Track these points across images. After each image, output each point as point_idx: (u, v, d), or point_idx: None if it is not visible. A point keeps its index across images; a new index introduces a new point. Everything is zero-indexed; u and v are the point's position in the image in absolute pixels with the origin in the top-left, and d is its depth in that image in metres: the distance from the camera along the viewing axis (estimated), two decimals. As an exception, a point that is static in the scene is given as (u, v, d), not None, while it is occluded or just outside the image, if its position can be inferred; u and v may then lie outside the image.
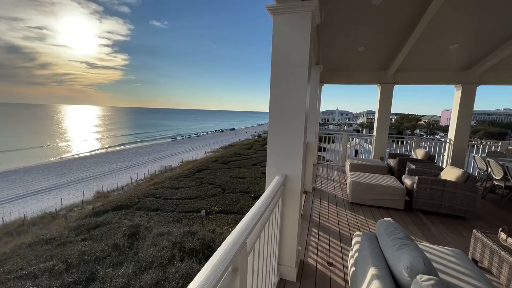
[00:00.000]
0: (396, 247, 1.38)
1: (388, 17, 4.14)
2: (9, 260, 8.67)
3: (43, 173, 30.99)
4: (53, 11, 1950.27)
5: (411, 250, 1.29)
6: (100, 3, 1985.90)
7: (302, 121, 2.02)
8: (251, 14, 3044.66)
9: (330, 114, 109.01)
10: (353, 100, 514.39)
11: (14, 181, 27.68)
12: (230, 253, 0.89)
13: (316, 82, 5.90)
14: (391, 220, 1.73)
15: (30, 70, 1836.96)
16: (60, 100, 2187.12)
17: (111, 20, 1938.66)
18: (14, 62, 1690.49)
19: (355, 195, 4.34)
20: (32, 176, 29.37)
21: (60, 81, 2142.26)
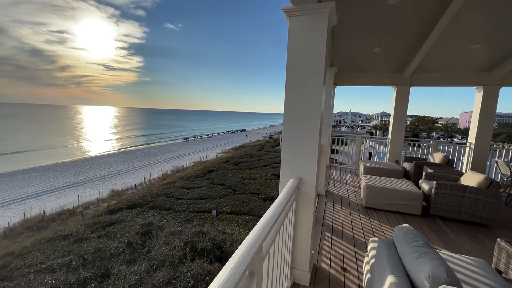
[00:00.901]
0: (416, 255, 1.33)
1: (406, 17, 4.03)
2: (29, 254, 9.06)
3: (61, 171, 32.23)
4: (73, 15, 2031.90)
5: (432, 259, 1.25)
6: (117, 7, 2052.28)
7: (317, 123, 2.00)
8: (263, 16, 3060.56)
9: (343, 115, 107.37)
10: (366, 102, 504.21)
11: (35, 178, 28.93)
12: (247, 257, 0.89)
13: (330, 84, 5.83)
14: (409, 227, 1.68)
15: (51, 72, 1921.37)
16: (78, 101, 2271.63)
17: (127, 23, 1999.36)
18: (36, 64, 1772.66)
19: (369, 199, 4.24)
20: (52, 174, 30.59)
21: (78, 82, 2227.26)
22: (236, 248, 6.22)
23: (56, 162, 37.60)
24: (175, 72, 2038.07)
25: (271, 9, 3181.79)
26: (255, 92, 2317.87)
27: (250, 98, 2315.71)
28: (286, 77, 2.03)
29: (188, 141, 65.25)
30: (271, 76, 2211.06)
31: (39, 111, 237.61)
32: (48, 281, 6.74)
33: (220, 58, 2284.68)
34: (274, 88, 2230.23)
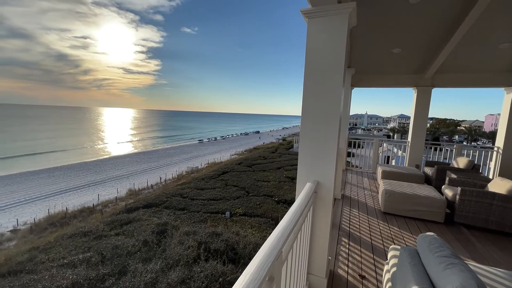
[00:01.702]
0: (442, 266, 1.26)
1: (428, 16, 3.88)
2: (53, 249, 9.51)
3: (83, 170, 33.69)
4: (96, 21, 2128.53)
5: (461, 270, 1.17)
6: (136, 13, 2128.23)
7: (336, 126, 1.96)
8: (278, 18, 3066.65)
9: (359, 118, 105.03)
10: (383, 104, 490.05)
11: (58, 176, 30.41)
12: (267, 262, 0.88)
13: (348, 86, 5.72)
14: (434, 235, 1.60)
15: (75, 76, 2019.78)
16: (99, 103, 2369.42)
17: (146, 28, 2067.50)
18: (61, 68, 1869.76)
19: (388, 205, 4.10)
20: (74, 173, 32.04)
21: (99, 85, 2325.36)
22: (248, 250, 6.23)
23: (78, 162, 39.37)
24: (191, 75, 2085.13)
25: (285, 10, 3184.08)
26: (269, 93, 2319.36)
27: (264, 100, 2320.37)
28: (304, 78, 2.01)
29: (202, 143, 66.24)
30: (285, 78, 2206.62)
31: (63, 112, 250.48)
32: (70, 275, 7.02)
33: (234, 60, 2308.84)
34: (288, 90, 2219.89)
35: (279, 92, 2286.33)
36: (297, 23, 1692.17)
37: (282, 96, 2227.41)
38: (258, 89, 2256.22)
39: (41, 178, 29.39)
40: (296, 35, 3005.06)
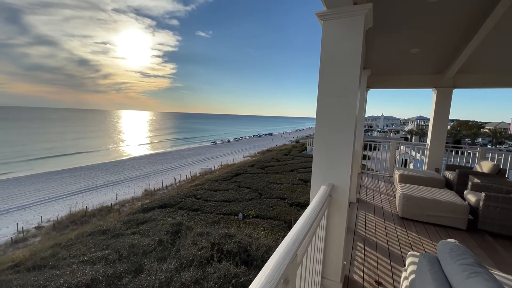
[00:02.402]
0: (465, 275, 1.21)
1: (448, 14, 3.75)
2: (73, 246, 9.92)
3: (102, 170, 34.98)
4: (115, 27, 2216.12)
5: (486, 280, 1.12)
6: (153, 18, 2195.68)
7: (351, 128, 1.93)
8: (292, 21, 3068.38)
9: (374, 120, 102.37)
10: (400, 105, 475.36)
11: (79, 176, 31.75)
12: (282, 264, 0.88)
13: (363, 87, 5.61)
14: (456, 242, 1.53)
15: (95, 80, 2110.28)
16: (117, 106, 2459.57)
17: (162, 33, 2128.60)
18: (83, 73, 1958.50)
19: (405, 209, 3.97)
20: (94, 173, 33.34)
21: (118, 89, 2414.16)
22: (261, 252, 6.21)
23: (98, 163, 40.95)
24: (205, 77, 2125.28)
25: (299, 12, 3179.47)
26: (282, 96, 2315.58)
27: (276, 102, 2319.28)
28: (319, 80, 2.00)
29: (216, 145, 66.98)
30: (298, 80, 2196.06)
31: (85, 115, 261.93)
32: (89, 272, 7.30)
33: (248, 62, 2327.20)
34: (301, 92, 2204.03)
35: (292, 94, 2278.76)
36: (310, 25, 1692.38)
37: (295, 98, 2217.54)
38: (272, 91, 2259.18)
39: (63, 178, 30.81)
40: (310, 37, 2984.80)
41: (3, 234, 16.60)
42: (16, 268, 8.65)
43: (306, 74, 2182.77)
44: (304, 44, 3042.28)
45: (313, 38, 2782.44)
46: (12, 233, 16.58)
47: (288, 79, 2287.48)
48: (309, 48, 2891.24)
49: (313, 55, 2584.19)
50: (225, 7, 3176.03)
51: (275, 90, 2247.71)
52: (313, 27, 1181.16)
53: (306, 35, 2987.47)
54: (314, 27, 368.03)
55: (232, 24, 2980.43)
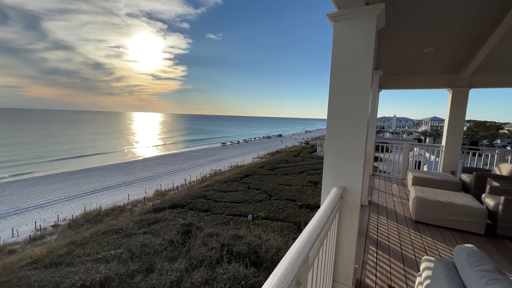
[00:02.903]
0: (484, 281, 1.17)
1: (465, 11, 3.64)
2: (88, 244, 10.20)
3: (115, 171, 35.86)
4: (128, 32, 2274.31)
5: (506, 287, 1.08)
6: (165, 22, 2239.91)
7: (363, 129, 1.91)
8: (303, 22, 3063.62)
9: (386, 121, 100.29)
10: (413, 106, 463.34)
11: (93, 176, 32.66)
12: (294, 266, 0.88)
13: (375, 88, 5.52)
14: (474, 247, 1.48)
15: (109, 83, 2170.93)
16: (130, 108, 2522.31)
17: (173, 36, 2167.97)
18: (97, 76, 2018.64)
19: (419, 213, 3.86)
20: (107, 173, 34.22)
21: (131, 91, 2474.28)
22: (271, 254, 6.19)
23: (111, 163, 42.03)
24: (215, 79, 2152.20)
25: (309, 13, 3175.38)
26: (292, 97, 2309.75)
27: (286, 103, 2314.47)
28: (330, 81, 1.99)
29: (225, 146, 67.37)
30: (307, 81, 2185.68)
31: (99, 117, 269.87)
32: (103, 270, 7.47)
33: (258, 64, 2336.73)
34: (311, 93, 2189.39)
35: (301, 95, 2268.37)
36: (321, 26, 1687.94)
37: (305, 99, 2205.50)
38: (281, 92, 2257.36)
39: (78, 178, 31.78)
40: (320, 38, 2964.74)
41: (22, 231, 17.29)
42: (34, 264, 8.97)
43: (315, 74, 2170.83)
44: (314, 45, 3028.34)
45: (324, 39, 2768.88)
46: (30, 230, 17.25)
47: (298, 80, 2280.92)
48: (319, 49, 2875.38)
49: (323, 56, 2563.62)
50: (235, 10, 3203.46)
51: (284, 91, 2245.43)
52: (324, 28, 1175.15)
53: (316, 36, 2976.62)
54: (325, 28, 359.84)
55: (242, 26, 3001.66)
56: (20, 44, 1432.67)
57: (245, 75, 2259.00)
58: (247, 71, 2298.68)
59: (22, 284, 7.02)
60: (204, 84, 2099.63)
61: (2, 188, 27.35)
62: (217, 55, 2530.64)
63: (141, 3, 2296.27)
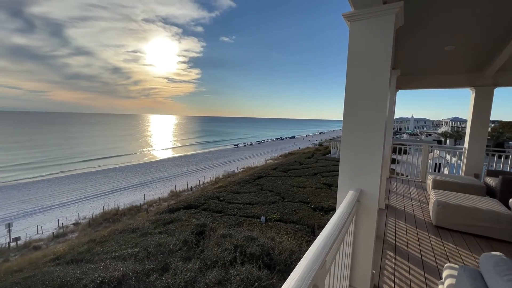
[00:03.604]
0: (514, 292, 1.11)
1: (489, 5, 3.46)
2: (106, 243, 10.55)
3: (132, 171, 36.97)
4: (145, 36, 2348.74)
5: (540, 299, 1.01)
6: (180, 26, 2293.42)
7: (381, 131, 1.86)
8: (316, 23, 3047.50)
9: (403, 121, 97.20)
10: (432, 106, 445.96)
11: (111, 177, 33.84)
12: (311, 270, 0.87)
13: (393, 88, 5.37)
14: (502, 255, 1.40)
15: (126, 86, 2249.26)
16: (146, 110, 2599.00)
17: (188, 39, 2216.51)
18: (116, 80, 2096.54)
19: (440, 218, 3.70)
20: (125, 174, 35.34)
21: (147, 94, 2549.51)
22: (284, 257, 6.15)
23: (128, 164, 43.39)
24: (228, 82, 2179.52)
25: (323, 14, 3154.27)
26: (305, 98, 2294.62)
27: (299, 104, 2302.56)
28: (346, 82, 1.95)
29: (238, 147, 67.77)
30: (320, 82, 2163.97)
31: (117, 119, 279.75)
32: (120, 268, 7.70)
33: (270, 66, 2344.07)
34: (324, 94, 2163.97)
35: (314, 96, 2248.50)
36: (335, 26, 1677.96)
37: (317, 101, 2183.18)
38: (294, 94, 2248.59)
39: (98, 178, 33.03)
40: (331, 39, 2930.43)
41: (46, 229, 18.17)
42: (57, 260, 9.39)
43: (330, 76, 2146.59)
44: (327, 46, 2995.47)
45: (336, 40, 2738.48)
46: (53, 228, 18.10)
47: (311, 81, 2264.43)
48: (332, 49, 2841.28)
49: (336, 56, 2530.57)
50: (248, 12, 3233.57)
51: (297, 93, 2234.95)
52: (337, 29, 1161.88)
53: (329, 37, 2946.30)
54: (338, 29, 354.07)
55: (254, 28, 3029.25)
56: (45, 50, 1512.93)
57: (258, 77, 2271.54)
58: (260, 72, 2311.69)
59: (46, 279, 7.36)
60: (218, 86, 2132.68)
61: (28, 188, 28.91)
62: (230, 57, 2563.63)
63: (157, 8, 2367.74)
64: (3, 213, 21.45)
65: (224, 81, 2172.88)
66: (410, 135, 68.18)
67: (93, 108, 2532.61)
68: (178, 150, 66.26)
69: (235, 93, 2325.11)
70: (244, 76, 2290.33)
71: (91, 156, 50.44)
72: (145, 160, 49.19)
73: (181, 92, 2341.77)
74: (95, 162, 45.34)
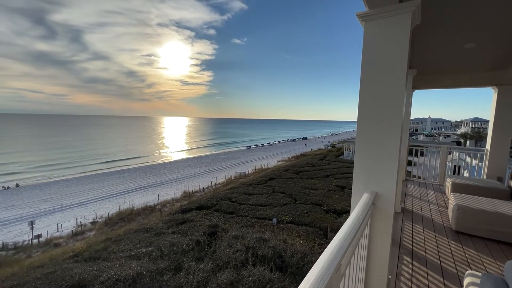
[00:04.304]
0: (543, 303, 1.04)
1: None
2: (122, 241, 10.84)
3: (146, 172, 37.87)
4: (159, 40, 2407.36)
5: None
6: (192, 29, 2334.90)
7: (397, 132, 1.81)
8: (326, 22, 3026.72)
9: (420, 122, 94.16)
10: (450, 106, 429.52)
11: (126, 178, 34.79)
12: (326, 274, 0.86)
13: (409, 88, 5.22)
14: None
15: (141, 89, 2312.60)
16: (160, 112, 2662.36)
17: (200, 42, 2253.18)
18: (131, 83, 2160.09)
19: (460, 222, 3.55)
20: (139, 175, 36.25)
21: (160, 97, 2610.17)
22: (296, 259, 6.09)
23: (143, 165, 44.49)
24: (240, 83, 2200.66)
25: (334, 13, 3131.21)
26: (316, 99, 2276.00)
27: (311, 105, 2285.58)
28: (360, 83, 1.91)
29: (250, 149, 67.93)
30: (331, 83, 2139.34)
31: (132, 121, 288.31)
32: (135, 266, 7.89)
33: (282, 67, 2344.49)
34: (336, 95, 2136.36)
35: (326, 97, 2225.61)
36: (348, 26, 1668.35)
37: (330, 102, 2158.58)
38: (305, 94, 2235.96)
39: (113, 179, 34.05)
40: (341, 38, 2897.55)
41: (65, 227, 18.92)
42: (75, 258, 9.75)
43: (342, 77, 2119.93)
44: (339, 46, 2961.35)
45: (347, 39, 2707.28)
46: (72, 226, 18.82)
47: (322, 82, 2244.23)
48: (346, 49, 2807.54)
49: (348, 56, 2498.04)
50: (260, 14, 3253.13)
51: (309, 94, 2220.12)
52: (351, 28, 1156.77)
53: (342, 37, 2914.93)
54: (352, 29, 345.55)
55: (265, 29, 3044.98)
56: (66, 56, 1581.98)
57: (270, 78, 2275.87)
58: (272, 73, 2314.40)
59: (65, 276, 7.64)
60: (229, 88, 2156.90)
61: (49, 187, 30.22)
62: (242, 59, 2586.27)
63: (171, 12, 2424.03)
64: (27, 211, 22.54)
65: (235, 83, 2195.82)
66: (427, 136, 65.94)
67: (109, 110, 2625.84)
68: (190, 151, 67.30)
69: (247, 95, 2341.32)
70: (255, 78, 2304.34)
71: (110, 157, 52.15)
72: (159, 161, 50.31)
73: (193, 94, 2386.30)
74: (113, 163, 46.86)
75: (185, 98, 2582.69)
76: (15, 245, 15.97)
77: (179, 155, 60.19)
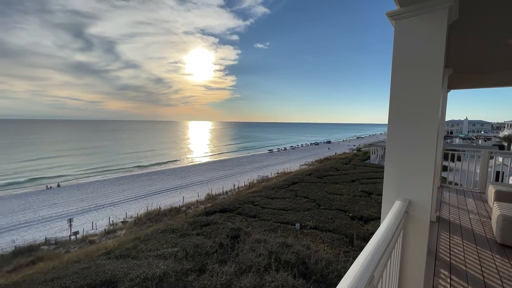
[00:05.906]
0: None
1: None
2: (149, 241, 11.30)
3: (172, 175, 39.33)
4: (184, 48, 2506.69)
5: None
6: (216, 36, 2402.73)
7: (432, 135, 1.69)
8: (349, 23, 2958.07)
9: (455, 124, 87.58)
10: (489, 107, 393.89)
11: (154, 180, 36.39)
12: (359, 285, 0.82)
13: (444, 89, 4.88)
14: None
15: (168, 95, 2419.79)
16: (185, 117, 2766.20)
17: (224, 48, 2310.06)
18: (159, 90, 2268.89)
19: (506, 235, 3.22)
20: (166, 177, 37.75)
21: (186, 102, 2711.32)
22: (320, 266, 5.90)
23: (169, 168, 46.34)
24: (263, 87, 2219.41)
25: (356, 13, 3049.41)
26: (341, 101, 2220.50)
27: (335, 108, 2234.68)
28: (391, 84, 1.82)
29: (272, 153, 67.74)
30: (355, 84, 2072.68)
31: (160, 126, 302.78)
32: (162, 266, 8.17)
33: (305, 70, 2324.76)
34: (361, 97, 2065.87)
35: (350, 99, 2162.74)
36: (375, 26, 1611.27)
37: (355, 104, 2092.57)
38: (328, 97, 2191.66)
39: (142, 180, 35.80)
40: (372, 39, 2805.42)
41: (99, 225, 20.19)
42: (108, 255, 10.34)
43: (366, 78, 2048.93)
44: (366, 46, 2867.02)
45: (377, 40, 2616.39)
46: (105, 224, 20.03)
47: (346, 84, 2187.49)
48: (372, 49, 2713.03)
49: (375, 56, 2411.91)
50: (282, 18, 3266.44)
51: (332, 96, 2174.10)
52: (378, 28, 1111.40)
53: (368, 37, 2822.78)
54: (379, 28, 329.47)
55: (288, 33, 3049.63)
56: (101, 65, 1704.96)
57: (292, 81, 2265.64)
58: (294, 77, 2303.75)
59: (99, 271, 8.12)
60: (252, 92, 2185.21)
61: (85, 188, 32.54)
62: (264, 63, 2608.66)
63: (196, 20, 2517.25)
64: (66, 209, 24.44)
65: (258, 87, 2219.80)
66: (464, 140, 61.00)
67: (139, 115, 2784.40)
68: (214, 155, 68.79)
69: (269, 98, 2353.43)
70: (278, 81, 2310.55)
71: (143, 161, 54.94)
72: (184, 164, 52.04)
73: (217, 99, 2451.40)
74: (142, 166, 49.45)
75: (209, 102, 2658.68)
76: (56, 241, 17.36)
77: (203, 158, 61.79)
